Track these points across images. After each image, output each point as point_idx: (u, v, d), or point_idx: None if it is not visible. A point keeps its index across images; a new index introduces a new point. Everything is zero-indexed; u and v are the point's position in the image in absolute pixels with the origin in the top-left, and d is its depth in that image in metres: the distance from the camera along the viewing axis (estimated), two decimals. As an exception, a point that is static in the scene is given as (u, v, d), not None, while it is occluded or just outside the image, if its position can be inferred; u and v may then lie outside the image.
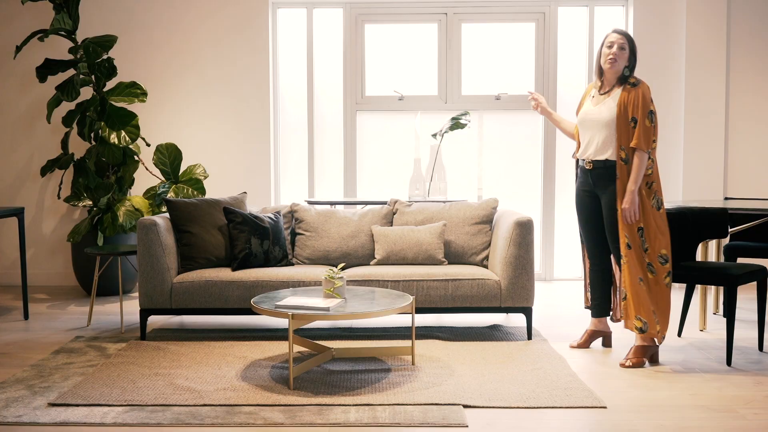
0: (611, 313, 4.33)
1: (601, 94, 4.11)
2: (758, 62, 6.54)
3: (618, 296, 4.25)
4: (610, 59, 4.03)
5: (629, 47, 4.04)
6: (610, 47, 4.05)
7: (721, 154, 6.48)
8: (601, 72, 4.13)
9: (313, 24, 6.74)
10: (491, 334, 4.68)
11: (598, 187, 4.12)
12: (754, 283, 4.31)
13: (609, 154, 4.03)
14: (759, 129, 6.58)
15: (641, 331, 3.96)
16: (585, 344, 4.36)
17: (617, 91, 4.04)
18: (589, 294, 4.36)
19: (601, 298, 4.28)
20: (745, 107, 6.57)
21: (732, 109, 6.56)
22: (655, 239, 3.98)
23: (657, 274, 3.97)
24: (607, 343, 4.38)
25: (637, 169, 3.93)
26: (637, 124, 3.94)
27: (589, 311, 4.43)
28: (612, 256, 4.22)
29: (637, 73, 6.47)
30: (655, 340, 4.04)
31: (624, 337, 4.42)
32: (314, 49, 6.76)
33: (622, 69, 4.05)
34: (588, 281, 4.35)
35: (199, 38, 6.55)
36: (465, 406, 3.32)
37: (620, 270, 4.08)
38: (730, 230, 5.08)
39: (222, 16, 6.53)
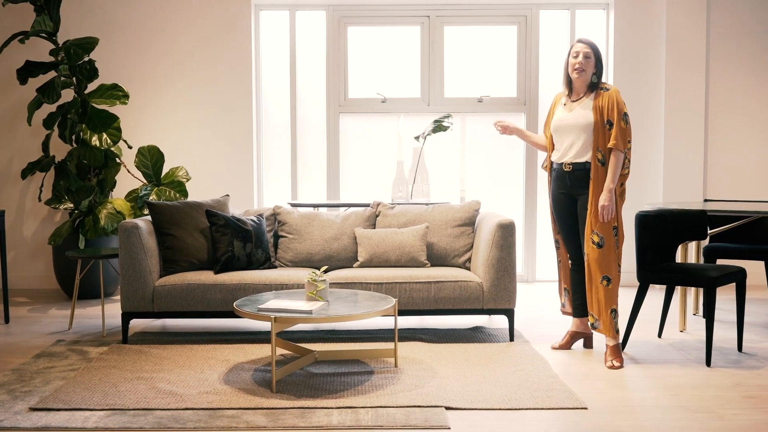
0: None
1: (573, 102, 4.19)
2: (737, 64, 6.61)
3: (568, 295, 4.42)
4: (576, 69, 4.13)
5: (594, 55, 4.14)
6: (575, 57, 4.15)
7: (701, 156, 6.55)
8: (569, 81, 4.22)
9: (296, 26, 6.74)
10: (474, 335, 4.70)
11: (575, 189, 4.18)
12: (734, 284, 4.35)
13: (588, 156, 4.11)
14: (738, 131, 6.65)
15: (593, 326, 4.12)
16: (566, 345, 4.39)
17: (590, 97, 4.15)
18: (566, 298, 4.43)
19: (582, 298, 4.32)
20: (725, 109, 6.64)
21: (711, 110, 6.63)
22: (621, 240, 4.11)
23: (619, 272, 4.11)
24: (588, 344, 4.42)
25: (614, 169, 4.02)
26: (612, 126, 4.04)
27: (567, 316, 4.51)
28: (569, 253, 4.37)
29: (619, 74, 6.57)
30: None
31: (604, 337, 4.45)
32: (297, 52, 6.76)
33: (590, 77, 4.15)
34: (569, 284, 4.40)
35: (182, 40, 6.53)
36: (447, 408, 3.34)
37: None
38: (709, 232, 5.13)
39: (204, 18, 6.52)
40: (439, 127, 6.02)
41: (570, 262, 4.35)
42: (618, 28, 6.56)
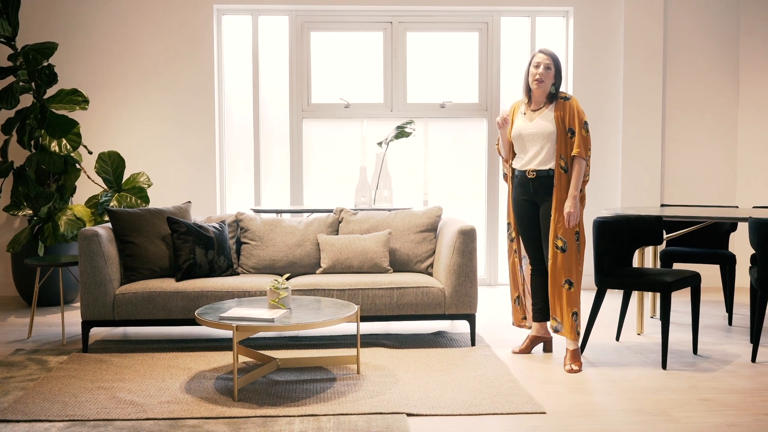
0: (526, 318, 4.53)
1: (533, 111, 4.26)
2: (694, 71, 6.76)
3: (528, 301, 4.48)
4: (537, 79, 4.20)
5: (555, 66, 4.22)
6: (536, 68, 4.21)
7: (658, 161, 6.68)
8: (529, 90, 4.28)
9: (259, 31, 6.73)
10: (436, 340, 4.74)
11: (538, 196, 4.24)
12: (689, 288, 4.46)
13: (551, 164, 4.18)
14: (694, 136, 6.79)
15: (555, 330, 4.20)
16: (527, 350, 4.46)
17: (550, 108, 4.22)
18: (520, 307, 4.48)
19: (543, 302, 4.38)
20: (682, 114, 6.78)
21: (669, 116, 6.77)
22: (583, 245, 4.19)
23: (581, 277, 4.19)
24: (548, 348, 4.49)
25: (577, 176, 4.12)
26: (574, 134, 4.14)
27: (519, 329, 4.63)
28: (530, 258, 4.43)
29: (579, 80, 6.67)
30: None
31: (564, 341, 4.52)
32: (260, 56, 6.75)
33: (549, 87, 4.23)
34: (523, 290, 4.46)
35: (143, 45, 6.48)
36: (408, 415, 3.37)
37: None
38: (665, 237, 5.25)
39: (166, 22, 6.48)
40: (401, 133, 6.06)
41: (531, 266, 4.41)
42: (577, 35, 6.67)
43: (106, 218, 5.77)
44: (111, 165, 5.95)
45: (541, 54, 4.24)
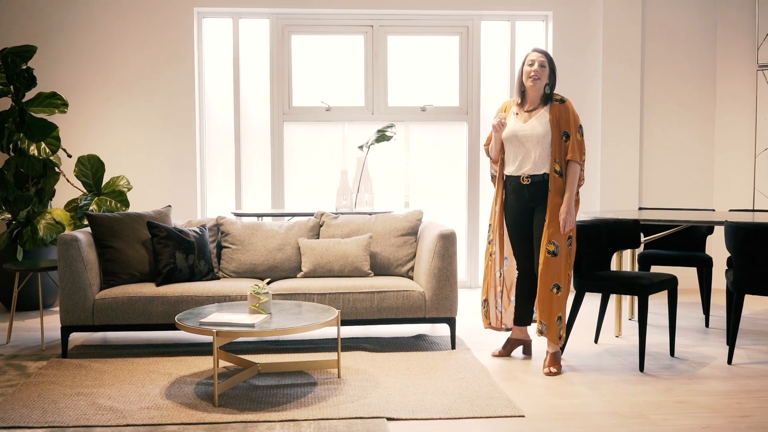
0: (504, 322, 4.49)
1: (527, 112, 4.19)
2: (672, 74, 6.84)
3: (505, 303, 4.46)
4: (532, 77, 4.12)
5: (549, 65, 4.15)
6: (531, 65, 4.14)
7: (636, 164, 6.74)
8: (522, 90, 4.23)
9: (239, 34, 6.73)
10: (416, 344, 4.76)
11: (534, 201, 4.19)
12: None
13: (546, 168, 4.13)
14: (672, 139, 6.87)
15: (540, 333, 4.19)
16: (506, 353, 4.49)
17: (545, 108, 4.16)
18: (495, 311, 4.44)
19: (525, 306, 4.38)
20: (660, 117, 6.85)
21: (646, 119, 6.84)
22: (574, 250, 4.18)
23: (569, 281, 4.18)
24: (527, 351, 4.52)
25: (573, 180, 4.10)
26: (569, 138, 4.10)
27: (493, 330, 4.56)
28: (517, 262, 4.38)
29: (558, 83, 6.68)
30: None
31: (543, 344, 4.57)
32: (241, 60, 6.75)
33: (543, 86, 4.15)
34: (508, 291, 4.44)
35: (123, 48, 6.46)
36: (389, 419, 3.39)
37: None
38: (642, 240, 5.30)
39: (146, 25, 6.47)
40: (382, 136, 6.08)
41: (518, 270, 4.35)
42: (556, 38, 6.72)
43: (86, 222, 5.75)
44: (90, 169, 5.92)
45: (535, 52, 4.17)
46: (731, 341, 4.34)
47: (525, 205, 4.23)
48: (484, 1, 6.68)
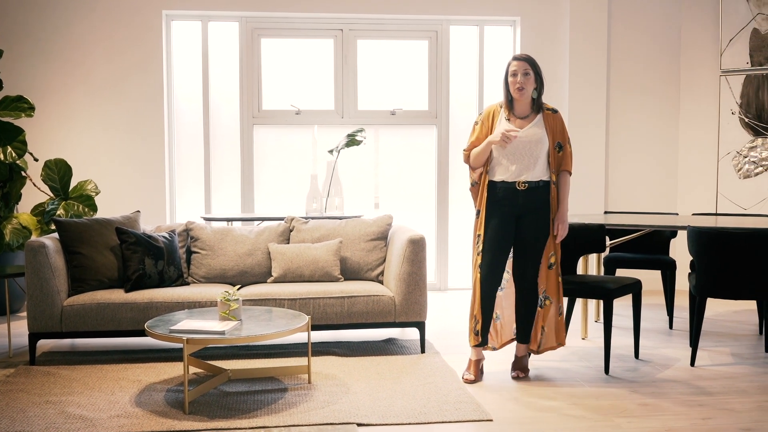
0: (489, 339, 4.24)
1: (521, 119, 4.06)
2: (636, 79, 6.96)
3: (495, 319, 4.27)
4: (517, 88, 3.99)
5: (533, 71, 4.01)
6: (514, 76, 4.01)
7: (602, 168, 6.85)
8: (510, 100, 4.08)
9: (209, 37, 6.71)
10: (386, 348, 4.80)
11: (527, 207, 4.04)
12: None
13: (545, 176, 4.06)
14: (637, 144, 6.99)
15: (538, 347, 4.19)
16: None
17: (539, 117, 4.06)
18: (479, 326, 4.11)
19: (522, 321, 4.21)
20: (624, 123, 6.97)
21: (612, 124, 6.95)
22: (559, 259, 4.17)
23: (560, 292, 4.16)
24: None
25: (567, 190, 4.11)
26: (562, 148, 4.08)
27: (479, 348, 4.17)
28: (513, 277, 4.18)
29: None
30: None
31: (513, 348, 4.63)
32: (210, 63, 6.73)
33: (531, 93, 4.03)
34: (482, 311, 4.11)
35: (91, 51, 6.41)
36: (359, 425, 3.42)
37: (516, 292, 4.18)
38: (608, 243, 5.40)
39: (114, 27, 6.42)
40: (352, 141, 6.10)
41: (514, 283, 4.18)
42: (524, 43, 6.80)
43: (53, 227, 5.70)
44: (57, 173, 5.87)
45: (516, 61, 4.01)
46: (694, 343, 4.43)
47: (514, 211, 4.05)
48: (452, 6, 6.73)
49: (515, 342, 4.30)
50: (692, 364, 4.43)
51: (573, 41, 6.75)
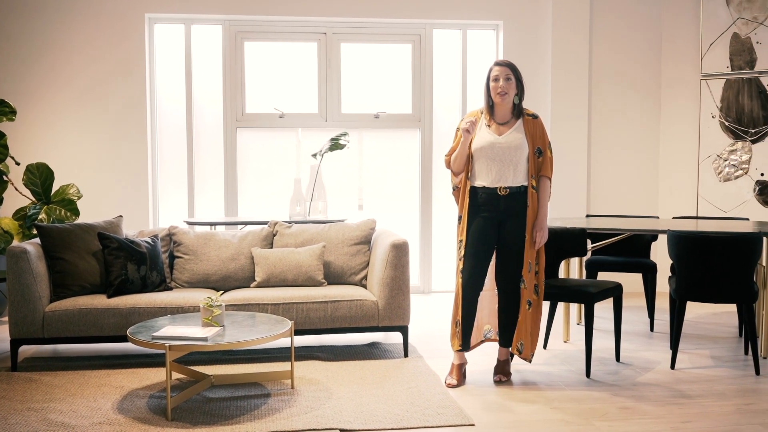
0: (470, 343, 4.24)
1: (501, 125, 4.09)
2: (617, 81, 7.02)
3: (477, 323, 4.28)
4: (499, 93, 4.02)
5: (515, 76, 4.05)
6: (496, 81, 4.04)
7: (584, 171, 6.90)
8: (491, 106, 4.11)
9: (192, 40, 6.70)
10: (370, 352, 4.81)
11: (507, 212, 4.07)
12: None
13: (525, 181, 4.06)
14: (619, 147, 7.05)
15: (519, 352, 4.15)
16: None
17: (519, 122, 4.08)
18: (461, 331, 4.13)
19: (504, 324, 4.21)
20: (606, 125, 7.02)
21: (594, 128, 7.00)
22: (543, 263, 4.19)
23: (539, 295, 4.16)
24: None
25: (546, 196, 4.10)
26: (542, 154, 4.09)
27: (462, 352, 4.19)
28: (496, 281, 4.19)
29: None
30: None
31: (495, 351, 4.66)
32: (193, 66, 6.72)
33: (512, 98, 4.06)
34: (465, 315, 4.13)
35: (72, 54, 6.39)
36: (342, 430, 3.43)
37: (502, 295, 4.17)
38: (590, 247, 5.44)
39: (96, 30, 6.40)
40: (335, 145, 6.11)
41: (497, 287, 4.20)
42: (507, 47, 6.84)
43: (35, 231, 5.67)
44: (39, 177, 5.84)
45: (498, 66, 4.06)
46: (674, 346, 4.48)
47: (497, 217, 4.08)
48: (436, 10, 6.76)
49: (489, 343, 4.33)
50: (672, 367, 4.48)
51: (555, 46, 6.80)
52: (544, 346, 4.95)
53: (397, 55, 6.96)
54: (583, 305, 5.67)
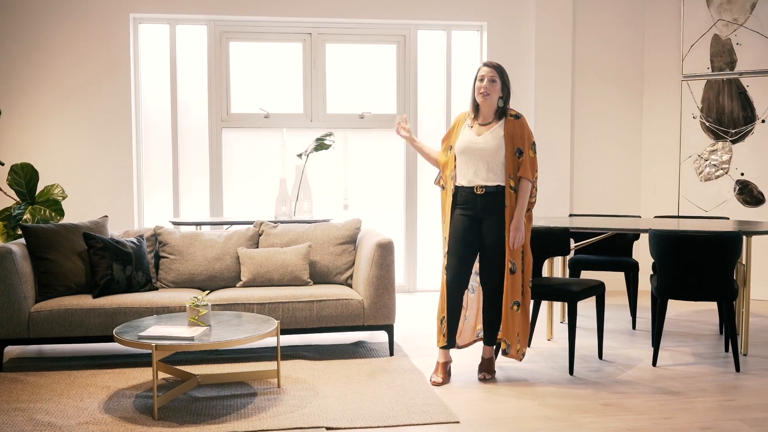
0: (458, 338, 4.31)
1: (482, 125, 4.15)
2: (599, 81, 7.08)
3: (463, 320, 4.34)
4: (482, 93, 4.09)
5: (501, 79, 4.10)
6: (481, 81, 4.10)
7: (567, 170, 6.96)
8: (476, 105, 4.18)
9: (176, 40, 6.70)
10: (356, 351, 4.85)
11: (485, 212, 4.11)
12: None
13: (501, 181, 4.09)
14: (602, 148, 7.12)
15: (504, 352, 4.17)
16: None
17: (500, 123, 4.12)
18: (446, 328, 4.18)
19: (491, 324, 4.25)
20: (589, 124, 7.09)
21: (577, 128, 7.07)
22: (528, 263, 4.19)
23: (525, 296, 4.18)
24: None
25: (523, 197, 4.08)
26: (522, 154, 4.10)
27: (446, 350, 4.23)
28: (480, 279, 4.23)
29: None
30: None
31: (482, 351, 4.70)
32: (178, 66, 6.72)
33: (496, 101, 4.12)
34: (448, 311, 4.18)
35: (57, 54, 6.37)
36: (328, 429, 3.46)
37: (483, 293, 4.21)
38: (573, 246, 5.50)
39: (81, 30, 6.39)
40: (321, 145, 6.14)
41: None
42: (491, 48, 6.89)
43: (20, 232, 5.66)
44: (24, 177, 5.82)
45: (486, 67, 4.12)
46: (655, 344, 4.54)
47: (475, 215, 4.14)
48: (420, 10, 6.80)
49: (480, 343, 4.37)
50: (654, 364, 4.54)
51: (538, 47, 6.86)
52: (528, 344, 4.96)
53: (381, 56, 6.99)
54: (566, 303, 5.74)
